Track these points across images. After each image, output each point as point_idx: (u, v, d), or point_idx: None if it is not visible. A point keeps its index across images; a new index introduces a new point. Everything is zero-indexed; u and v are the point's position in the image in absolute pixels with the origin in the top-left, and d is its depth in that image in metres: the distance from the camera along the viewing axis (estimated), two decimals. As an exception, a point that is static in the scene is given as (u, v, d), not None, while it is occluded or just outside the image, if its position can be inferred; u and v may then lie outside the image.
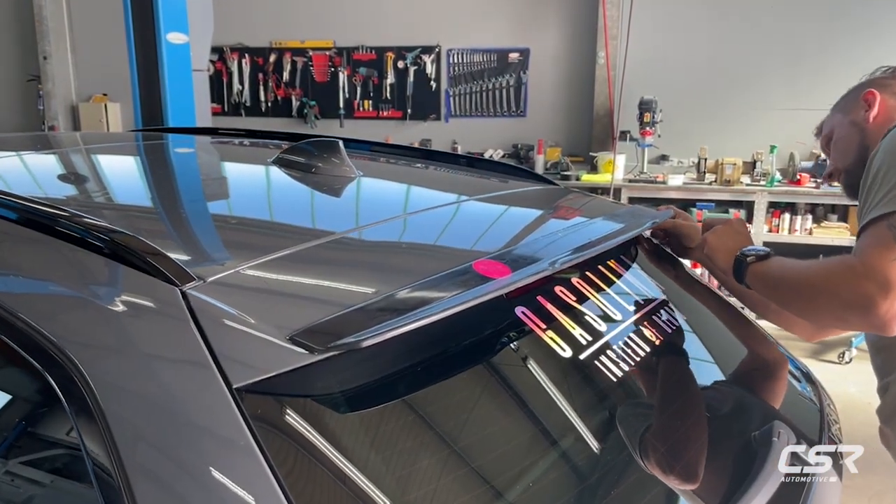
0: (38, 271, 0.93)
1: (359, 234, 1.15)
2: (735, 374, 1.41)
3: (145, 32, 4.12)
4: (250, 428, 0.71)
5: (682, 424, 1.13)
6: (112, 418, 0.72)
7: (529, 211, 1.49)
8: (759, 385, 1.42)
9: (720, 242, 1.39)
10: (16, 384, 0.93)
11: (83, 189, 1.42)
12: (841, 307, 1.16)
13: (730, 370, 1.40)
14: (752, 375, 1.44)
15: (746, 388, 1.40)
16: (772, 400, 1.38)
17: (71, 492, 0.85)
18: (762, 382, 1.43)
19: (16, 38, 6.92)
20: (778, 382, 1.43)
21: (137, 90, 4.24)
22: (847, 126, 1.49)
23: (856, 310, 1.13)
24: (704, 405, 1.22)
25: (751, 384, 1.41)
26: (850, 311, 1.15)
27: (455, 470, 0.86)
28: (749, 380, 1.43)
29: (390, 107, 6.24)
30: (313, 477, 0.76)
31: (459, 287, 0.88)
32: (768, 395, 1.40)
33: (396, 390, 0.86)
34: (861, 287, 1.11)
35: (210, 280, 0.84)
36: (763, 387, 1.42)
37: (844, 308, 1.15)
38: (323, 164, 1.42)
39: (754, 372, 1.46)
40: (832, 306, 1.18)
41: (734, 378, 1.39)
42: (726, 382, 1.36)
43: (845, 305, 1.15)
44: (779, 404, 1.35)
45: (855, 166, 1.42)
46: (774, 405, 1.35)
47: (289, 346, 0.76)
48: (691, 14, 5.46)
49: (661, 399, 1.18)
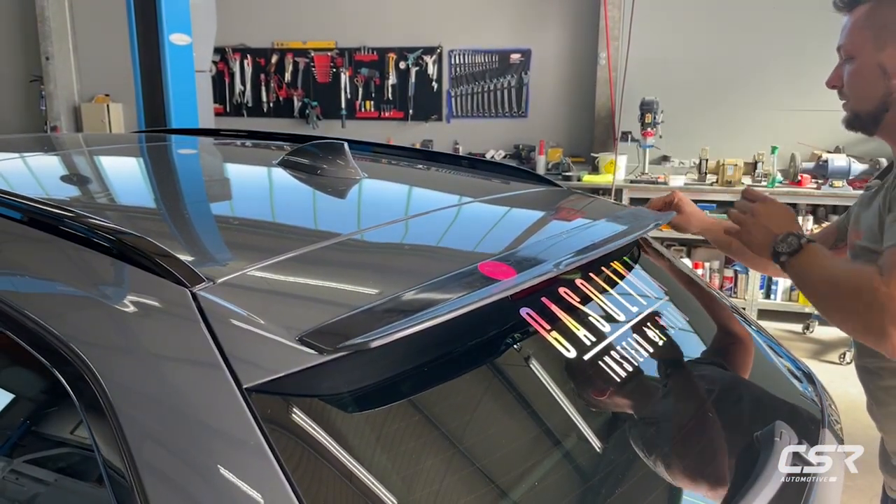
0: (50, 273, 0.94)
1: (365, 235, 1.16)
2: (737, 374, 1.42)
3: (148, 33, 4.13)
4: (260, 428, 0.72)
5: (684, 425, 1.14)
6: (124, 418, 0.73)
7: (532, 212, 1.50)
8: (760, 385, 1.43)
9: (749, 236, 1.34)
10: (29, 385, 0.94)
11: (94, 191, 1.43)
12: (860, 330, 1.17)
13: (731, 370, 1.41)
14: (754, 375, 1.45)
15: (748, 388, 1.41)
16: (771, 399, 1.39)
17: (83, 492, 0.86)
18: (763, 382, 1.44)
19: (18, 39, 6.94)
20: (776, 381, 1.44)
21: (140, 91, 4.26)
22: (874, 69, 1.30)
23: (870, 335, 1.13)
24: (706, 406, 1.23)
25: (752, 385, 1.42)
26: (865, 336, 1.16)
27: (461, 469, 0.87)
28: (751, 380, 1.43)
29: (392, 107, 6.25)
30: (322, 476, 0.77)
31: (465, 288, 0.89)
32: (770, 394, 1.41)
33: (403, 390, 0.87)
34: (879, 317, 1.09)
35: (219, 281, 0.85)
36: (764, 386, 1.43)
37: (863, 331, 1.16)
38: (328, 165, 1.43)
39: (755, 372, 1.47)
40: (849, 326, 1.20)
41: (736, 378, 1.40)
42: (728, 382, 1.37)
43: (863, 329, 1.15)
44: (782, 403, 1.36)
45: (874, 112, 1.33)
46: (774, 405, 1.36)
47: (298, 346, 0.77)
48: (692, 15, 5.47)
49: (664, 400, 1.19)
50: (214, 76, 6.18)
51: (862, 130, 1.38)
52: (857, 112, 1.37)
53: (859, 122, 1.37)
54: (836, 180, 4.73)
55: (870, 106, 1.33)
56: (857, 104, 1.36)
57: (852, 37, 1.34)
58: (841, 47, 1.37)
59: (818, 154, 5.00)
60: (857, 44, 1.32)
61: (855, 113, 1.37)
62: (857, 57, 1.33)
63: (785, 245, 1.27)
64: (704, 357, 1.39)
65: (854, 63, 1.34)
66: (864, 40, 1.31)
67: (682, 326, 1.32)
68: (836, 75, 1.39)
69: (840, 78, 1.38)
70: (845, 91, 1.38)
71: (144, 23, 4.14)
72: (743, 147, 5.23)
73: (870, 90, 1.32)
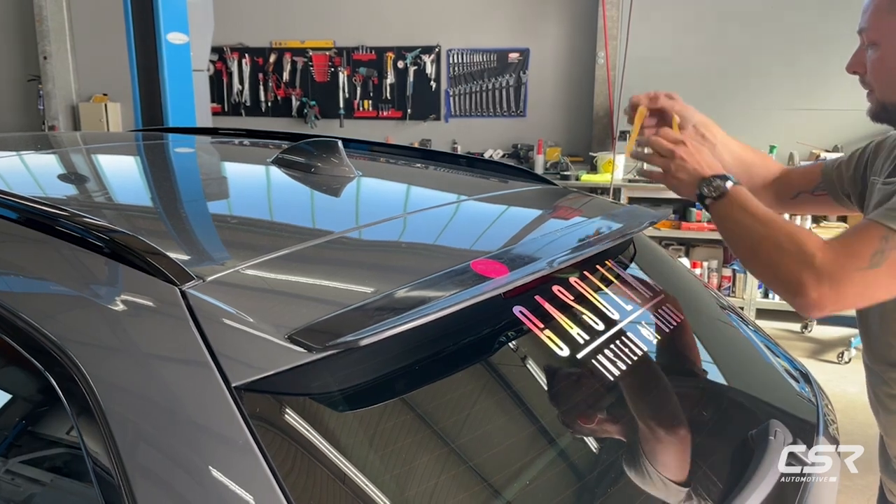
0: (38, 271, 0.93)
1: (357, 233, 1.15)
2: (732, 373, 1.41)
3: (146, 32, 4.13)
4: (249, 426, 0.72)
5: (679, 424, 1.14)
6: (112, 417, 0.72)
7: (528, 211, 1.49)
8: (755, 384, 1.42)
9: (677, 176, 1.31)
10: (16, 384, 0.93)
11: (84, 189, 1.42)
12: (774, 280, 1.16)
13: (727, 369, 1.40)
14: (750, 374, 1.45)
15: (744, 387, 1.40)
16: (767, 399, 1.38)
17: (71, 491, 0.85)
18: (759, 381, 1.43)
19: (16, 38, 6.93)
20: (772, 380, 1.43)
21: (138, 90, 4.25)
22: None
23: (785, 289, 1.12)
24: (702, 405, 1.23)
25: (748, 384, 1.42)
26: (779, 287, 1.15)
27: (452, 468, 0.87)
28: (746, 379, 1.43)
29: (390, 107, 6.25)
30: (312, 475, 0.76)
31: (457, 286, 0.88)
32: (765, 394, 1.40)
33: (394, 389, 0.86)
34: (802, 274, 1.08)
35: (209, 279, 0.84)
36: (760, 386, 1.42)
37: (775, 281, 1.15)
38: (322, 164, 1.43)
39: (752, 371, 1.46)
40: (766, 273, 1.18)
41: (732, 377, 1.39)
42: (724, 381, 1.36)
43: (778, 280, 1.14)
44: (778, 403, 1.36)
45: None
46: (770, 404, 1.36)
47: (287, 344, 0.77)
48: (691, 14, 5.47)
49: (659, 398, 1.19)
50: (212, 75, 6.18)
51: (890, 123, 1.29)
52: (885, 103, 1.26)
53: (886, 113, 1.27)
54: (835, 179, 4.72)
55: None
56: (885, 95, 1.25)
57: (877, 21, 1.23)
58: (863, 31, 1.26)
59: (816, 153, 4.99)
60: (883, 30, 1.22)
61: (882, 104, 1.27)
62: (882, 44, 1.22)
63: (711, 189, 1.25)
64: (699, 355, 1.38)
65: (879, 50, 1.23)
66: (891, 26, 1.20)
67: (676, 324, 1.32)
68: (858, 61, 1.28)
69: (862, 64, 1.28)
70: (869, 79, 1.27)
71: (142, 22, 4.14)
72: (741, 146, 5.22)
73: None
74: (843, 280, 1.07)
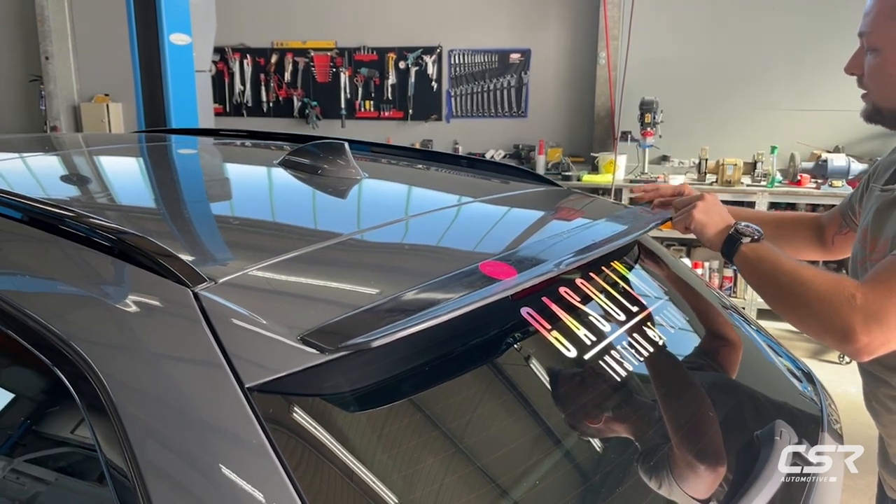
0: (53, 273, 0.94)
1: (366, 235, 1.16)
2: (737, 374, 1.42)
3: (148, 33, 4.14)
4: (262, 427, 0.73)
5: (684, 424, 1.14)
6: (126, 418, 0.73)
7: (533, 212, 1.50)
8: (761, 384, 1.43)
9: (708, 218, 1.35)
10: (31, 384, 0.94)
11: (95, 191, 1.43)
12: (821, 329, 1.14)
13: (731, 371, 1.41)
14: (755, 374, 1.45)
15: (748, 387, 1.41)
16: (771, 399, 1.39)
17: (85, 491, 0.86)
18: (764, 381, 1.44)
19: (18, 39, 6.93)
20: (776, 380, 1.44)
21: (140, 91, 4.26)
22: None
23: (834, 337, 1.11)
24: (706, 405, 1.23)
25: (752, 384, 1.42)
26: (828, 336, 1.13)
27: (462, 468, 0.88)
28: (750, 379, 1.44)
29: (392, 107, 6.25)
30: (324, 475, 0.77)
31: (467, 288, 0.89)
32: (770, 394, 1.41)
33: (405, 390, 0.87)
34: (849, 318, 1.07)
35: (221, 281, 0.85)
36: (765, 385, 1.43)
37: (824, 331, 1.14)
38: (329, 166, 1.43)
39: (757, 370, 1.47)
40: (811, 323, 1.16)
41: (736, 378, 1.40)
42: (728, 382, 1.37)
43: (826, 329, 1.13)
44: (782, 402, 1.36)
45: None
46: (774, 404, 1.36)
47: (300, 346, 0.78)
48: (692, 14, 5.47)
49: (664, 399, 1.20)
50: (214, 76, 6.17)
51: (883, 124, 1.31)
52: (879, 107, 1.28)
53: (880, 116, 1.30)
54: (836, 180, 4.74)
55: (895, 103, 1.26)
56: (881, 99, 1.27)
57: (878, 27, 1.23)
58: (863, 35, 1.27)
59: (817, 154, 5.00)
60: (884, 35, 1.22)
61: (876, 107, 1.29)
62: (882, 49, 1.23)
63: (750, 229, 1.26)
64: (704, 357, 1.39)
65: (879, 55, 1.24)
66: (893, 32, 1.21)
67: (682, 326, 1.32)
68: (856, 62, 1.30)
69: (860, 66, 1.29)
70: (866, 82, 1.29)
71: (144, 22, 4.14)
72: (742, 147, 5.23)
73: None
74: (891, 320, 1.06)
